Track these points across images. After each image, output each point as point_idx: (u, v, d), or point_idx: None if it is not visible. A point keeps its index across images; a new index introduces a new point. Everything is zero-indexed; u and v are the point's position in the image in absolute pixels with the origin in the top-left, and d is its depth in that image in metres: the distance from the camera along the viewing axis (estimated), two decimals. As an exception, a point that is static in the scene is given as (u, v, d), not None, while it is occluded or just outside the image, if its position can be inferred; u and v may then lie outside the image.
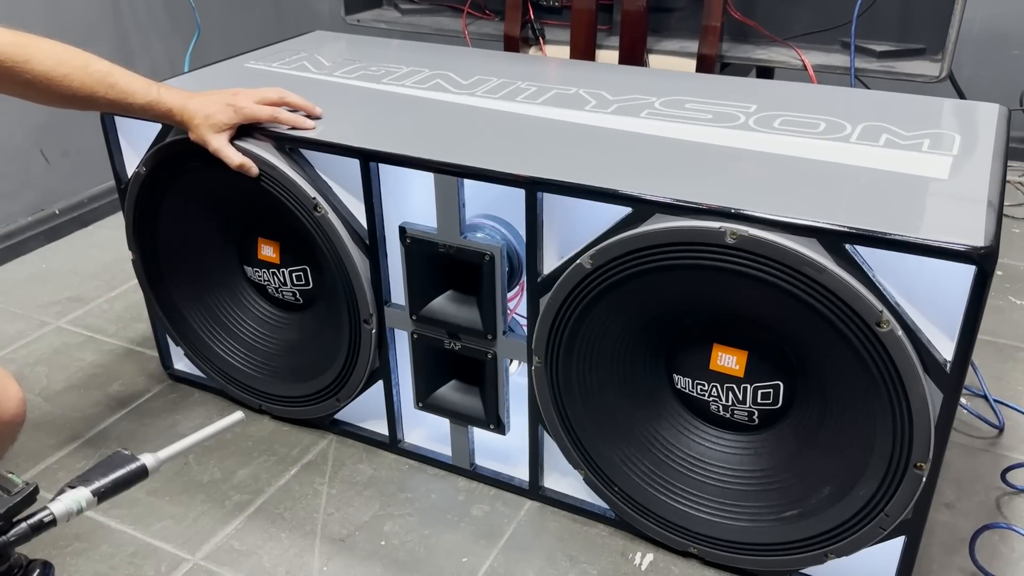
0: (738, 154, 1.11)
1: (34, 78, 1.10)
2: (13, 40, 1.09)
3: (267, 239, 1.37)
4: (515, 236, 1.21)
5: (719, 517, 1.12)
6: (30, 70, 1.09)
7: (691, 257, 0.98)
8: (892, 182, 1.02)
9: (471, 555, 1.20)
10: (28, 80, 1.10)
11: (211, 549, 1.22)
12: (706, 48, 1.60)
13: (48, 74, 1.10)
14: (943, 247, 0.87)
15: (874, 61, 1.55)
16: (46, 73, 1.10)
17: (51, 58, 1.11)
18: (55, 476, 1.33)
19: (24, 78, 1.10)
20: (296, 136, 1.21)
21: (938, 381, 0.93)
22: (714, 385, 1.10)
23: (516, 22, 1.75)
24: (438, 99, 1.33)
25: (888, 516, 1.00)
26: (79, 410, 1.50)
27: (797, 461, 1.07)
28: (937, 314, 0.93)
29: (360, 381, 1.33)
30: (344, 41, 1.67)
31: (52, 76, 1.11)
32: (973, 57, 2.23)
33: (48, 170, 2.10)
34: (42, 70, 1.10)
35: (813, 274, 0.93)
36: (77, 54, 1.14)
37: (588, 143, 1.16)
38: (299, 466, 1.37)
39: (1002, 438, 1.40)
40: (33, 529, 0.84)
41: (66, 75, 1.11)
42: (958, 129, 1.16)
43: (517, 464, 1.31)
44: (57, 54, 1.12)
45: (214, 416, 1.46)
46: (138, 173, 1.35)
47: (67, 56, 1.12)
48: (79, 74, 1.12)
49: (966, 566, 1.16)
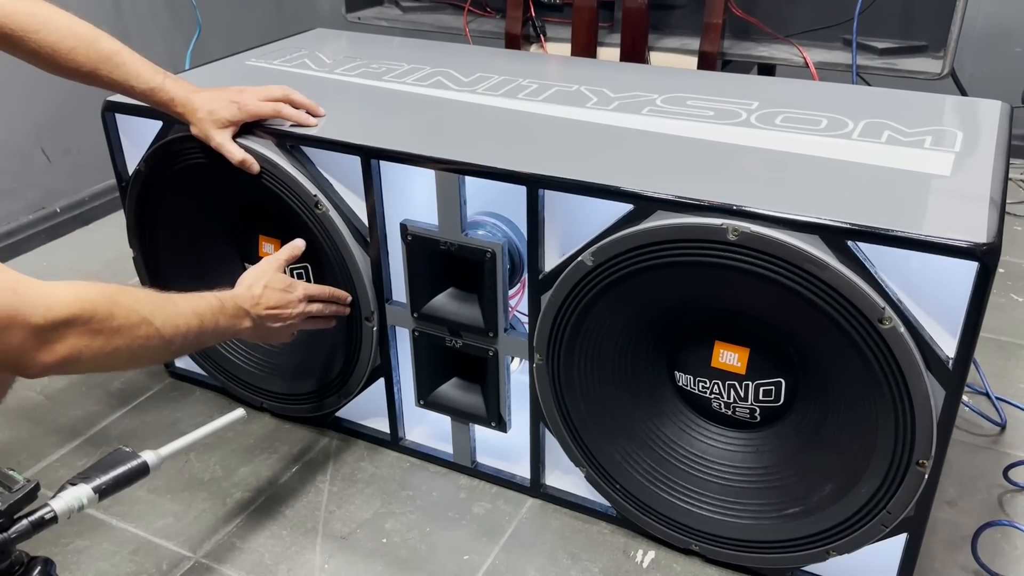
0: (740, 151, 1.11)
1: (40, 48, 1.13)
2: (29, 10, 1.12)
3: (268, 236, 1.37)
4: (516, 233, 1.21)
5: (721, 515, 1.12)
6: (38, 40, 1.12)
7: (693, 254, 0.98)
8: (894, 179, 1.02)
9: (472, 553, 1.20)
10: (35, 50, 1.13)
11: (212, 546, 1.22)
12: (708, 45, 1.60)
13: (55, 46, 1.13)
14: (945, 244, 0.87)
15: (876, 58, 1.54)
16: (53, 45, 1.13)
17: (61, 31, 1.13)
18: (56, 473, 1.33)
19: (31, 47, 1.13)
20: (297, 133, 1.21)
21: (940, 378, 0.93)
22: (716, 382, 1.10)
23: (517, 19, 1.75)
24: (439, 96, 1.33)
25: (890, 513, 1.00)
26: (80, 408, 1.50)
27: (799, 458, 1.07)
28: (939, 311, 0.93)
29: (361, 379, 1.33)
30: (345, 39, 1.67)
31: (58, 49, 1.13)
32: (975, 54, 2.23)
33: (49, 168, 2.10)
34: (50, 42, 1.13)
35: (815, 271, 0.92)
36: (88, 30, 1.16)
37: (589, 140, 1.16)
38: (300, 464, 1.37)
39: (1004, 435, 1.40)
40: (34, 526, 0.85)
41: (72, 48, 1.14)
42: (960, 126, 1.16)
43: (518, 462, 1.31)
44: (68, 27, 1.14)
45: (215, 414, 1.45)
46: (139, 171, 1.35)
47: (78, 30, 1.15)
48: (85, 49, 1.15)
49: (968, 563, 1.16)
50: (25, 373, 0.84)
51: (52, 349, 0.83)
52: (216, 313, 1.06)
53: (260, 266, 1.19)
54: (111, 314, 0.88)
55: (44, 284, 0.84)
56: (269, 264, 1.19)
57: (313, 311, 1.21)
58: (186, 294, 1.03)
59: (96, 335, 0.87)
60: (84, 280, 0.88)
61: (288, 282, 1.19)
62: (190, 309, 1.01)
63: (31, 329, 0.81)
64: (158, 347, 0.96)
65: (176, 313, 0.98)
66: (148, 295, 0.97)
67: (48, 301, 0.82)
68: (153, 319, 0.94)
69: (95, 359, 0.88)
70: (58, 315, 0.82)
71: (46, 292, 0.83)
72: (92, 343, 0.87)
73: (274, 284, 1.17)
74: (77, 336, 0.85)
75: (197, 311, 1.03)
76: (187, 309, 1.01)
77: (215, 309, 1.06)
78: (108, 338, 0.88)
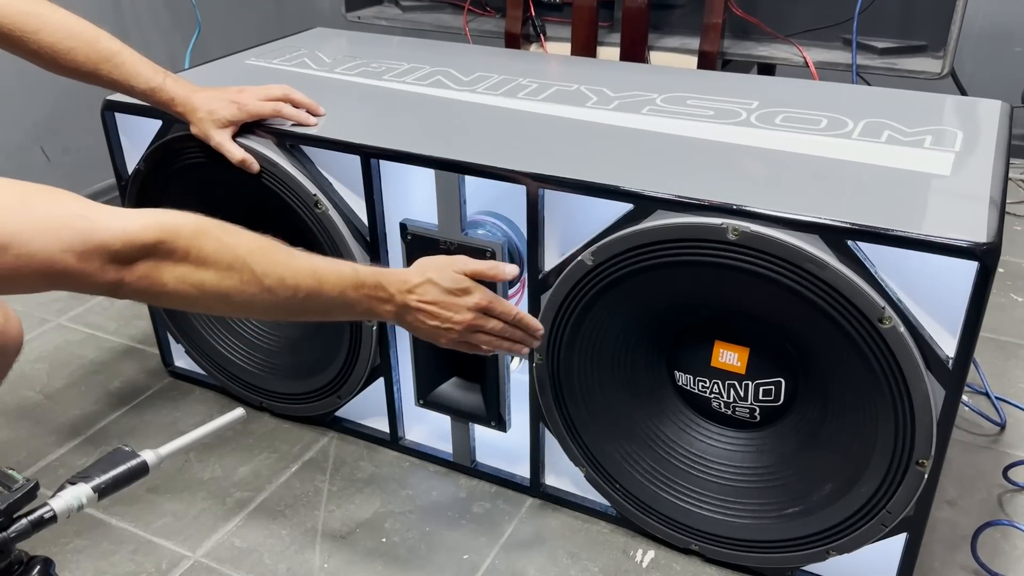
0: (740, 150, 1.11)
1: (40, 48, 1.13)
2: (28, 9, 1.12)
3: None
4: (516, 233, 1.21)
5: (720, 514, 1.12)
6: (37, 40, 1.12)
7: (693, 254, 0.98)
8: (894, 178, 1.02)
9: (472, 552, 1.20)
10: (34, 50, 1.13)
11: (212, 546, 1.22)
12: (707, 45, 1.60)
13: (55, 46, 1.13)
14: (945, 243, 0.87)
15: (876, 58, 1.54)
16: (52, 45, 1.13)
17: (60, 31, 1.13)
18: (56, 473, 1.33)
19: (31, 47, 1.13)
20: (297, 132, 1.21)
21: (940, 378, 0.93)
22: (716, 382, 1.10)
23: (517, 19, 1.75)
24: (439, 96, 1.33)
25: (890, 513, 1.00)
26: (80, 407, 1.50)
27: (799, 458, 1.07)
28: (939, 311, 0.93)
29: (361, 378, 1.32)
30: (345, 38, 1.67)
31: (58, 49, 1.13)
32: (975, 54, 2.23)
33: (49, 167, 2.10)
34: (49, 42, 1.13)
35: (815, 270, 0.92)
36: (87, 29, 1.16)
37: (589, 140, 1.16)
38: (300, 463, 1.37)
39: (1004, 435, 1.40)
40: (33, 525, 0.84)
41: (72, 49, 1.14)
42: (960, 126, 1.16)
43: (518, 461, 1.30)
44: (68, 27, 1.14)
45: (215, 413, 1.45)
46: (138, 170, 1.35)
47: (77, 30, 1.15)
48: (85, 49, 1.14)
49: (968, 563, 1.16)
50: (115, 294, 0.81)
51: (133, 271, 0.80)
52: (345, 283, 0.95)
53: (439, 258, 1.04)
54: (198, 245, 0.83)
55: (122, 211, 0.80)
56: (451, 261, 1.04)
57: (486, 327, 1.03)
58: (316, 255, 0.94)
59: (180, 263, 0.82)
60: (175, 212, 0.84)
61: (464, 285, 1.02)
62: (309, 268, 0.92)
63: (108, 253, 0.78)
64: (258, 296, 0.88)
65: (287, 265, 0.90)
66: (256, 239, 0.89)
67: (124, 225, 0.79)
68: (252, 262, 0.87)
69: (179, 290, 0.83)
70: (135, 239, 0.79)
71: (123, 217, 0.80)
72: (175, 270, 0.82)
73: (442, 280, 1.01)
74: (158, 261, 0.81)
75: (317, 272, 0.92)
76: (305, 266, 0.92)
77: (344, 278, 0.95)
78: (194, 268, 0.83)
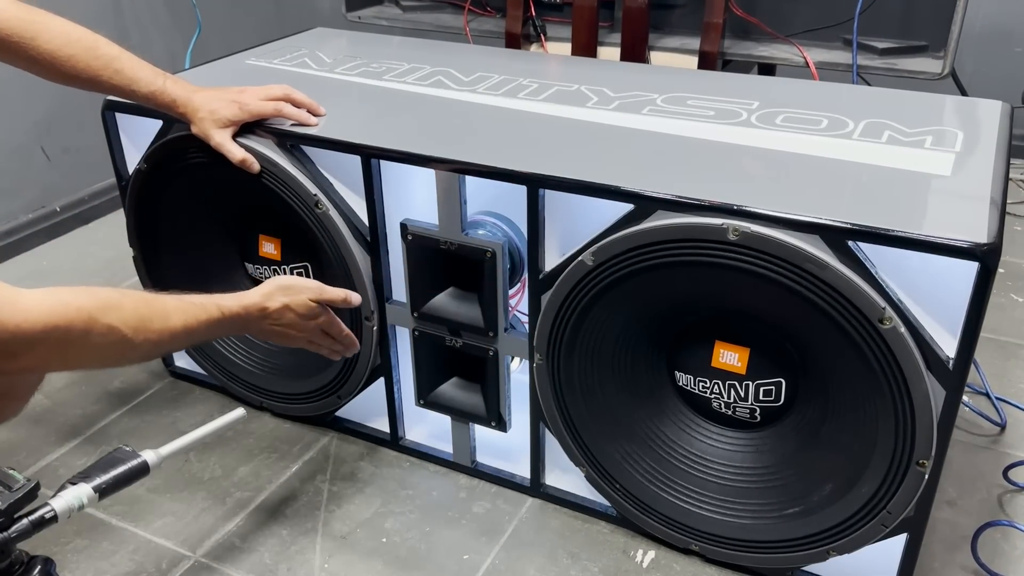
0: (740, 151, 1.11)
1: (39, 56, 1.12)
2: (25, 16, 1.11)
3: (268, 236, 1.37)
4: (516, 233, 1.21)
5: (721, 514, 1.12)
6: (36, 48, 1.11)
7: (693, 254, 0.98)
8: (895, 179, 1.02)
9: (472, 552, 1.20)
10: (33, 57, 1.12)
11: (212, 546, 1.22)
12: (708, 45, 1.60)
13: (54, 53, 1.12)
14: (946, 244, 0.87)
15: (876, 58, 1.54)
16: (51, 52, 1.12)
17: (58, 38, 1.12)
18: (56, 473, 1.33)
19: (29, 55, 1.12)
20: (298, 132, 1.21)
21: (940, 378, 0.93)
22: (716, 382, 1.10)
23: (517, 19, 1.75)
24: (439, 96, 1.33)
25: (890, 513, 1.00)
26: (80, 407, 1.50)
27: (799, 458, 1.07)
28: (940, 311, 0.93)
29: (361, 378, 1.32)
30: (345, 38, 1.67)
31: (57, 56, 1.12)
32: (975, 54, 2.23)
33: (49, 167, 2.10)
34: (48, 49, 1.11)
35: (815, 271, 0.92)
36: (85, 35, 1.15)
37: (590, 140, 1.16)
38: (300, 463, 1.37)
39: (1004, 436, 1.40)
40: (34, 525, 0.85)
41: (71, 56, 1.13)
42: (960, 126, 1.16)
43: (518, 461, 1.30)
44: (66, 34, 1.13)
45: (215, 413, 1.45)
46: (139, 170, 1.34)
47: (75, 36, 1.14)
48: (84, 55, 1.13)
49: (968, 563, 1.16)
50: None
51: (17, 360, 0.79)
52: (213, 326, 1.02)
53: (297, 284, 1.12)
54: (87, 332, 0.84)
55: (20, 293, 0.79)
56: (306, 288, 1.12)
57: (322, 342, 1.19)
58: (184, 302, 0.98)
59: (67, 350, 0.83)
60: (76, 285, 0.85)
61: (315, 312, 1.13)
62: (182, 324, 0.96)
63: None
64: (134, 359, 0.94)
65: (164, 330, 0.93)
66: (137, 308, 0.90)
67: (22, 313, 0.78)
68: (135, 338, 0.89)
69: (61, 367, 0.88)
70: (27, 330, 0.78)
71: (19, 303, 0.79)
72: (63, 356, 0.83)
73: (297, 308, 1.11)
74: (47, 350, 0.81)
75: (188, 327, 0.97)
76: (179, 324, 0.95)
77: (212, 322, 1.01)
78: (79, 353, 0.84)
